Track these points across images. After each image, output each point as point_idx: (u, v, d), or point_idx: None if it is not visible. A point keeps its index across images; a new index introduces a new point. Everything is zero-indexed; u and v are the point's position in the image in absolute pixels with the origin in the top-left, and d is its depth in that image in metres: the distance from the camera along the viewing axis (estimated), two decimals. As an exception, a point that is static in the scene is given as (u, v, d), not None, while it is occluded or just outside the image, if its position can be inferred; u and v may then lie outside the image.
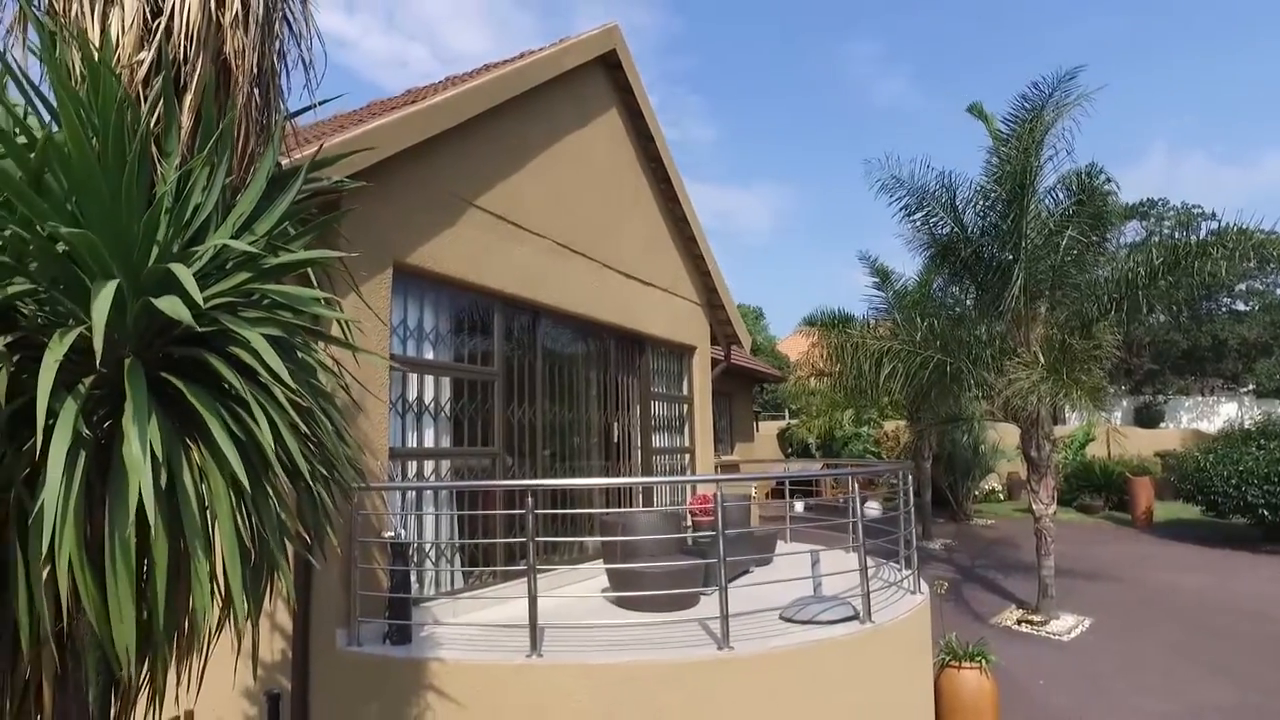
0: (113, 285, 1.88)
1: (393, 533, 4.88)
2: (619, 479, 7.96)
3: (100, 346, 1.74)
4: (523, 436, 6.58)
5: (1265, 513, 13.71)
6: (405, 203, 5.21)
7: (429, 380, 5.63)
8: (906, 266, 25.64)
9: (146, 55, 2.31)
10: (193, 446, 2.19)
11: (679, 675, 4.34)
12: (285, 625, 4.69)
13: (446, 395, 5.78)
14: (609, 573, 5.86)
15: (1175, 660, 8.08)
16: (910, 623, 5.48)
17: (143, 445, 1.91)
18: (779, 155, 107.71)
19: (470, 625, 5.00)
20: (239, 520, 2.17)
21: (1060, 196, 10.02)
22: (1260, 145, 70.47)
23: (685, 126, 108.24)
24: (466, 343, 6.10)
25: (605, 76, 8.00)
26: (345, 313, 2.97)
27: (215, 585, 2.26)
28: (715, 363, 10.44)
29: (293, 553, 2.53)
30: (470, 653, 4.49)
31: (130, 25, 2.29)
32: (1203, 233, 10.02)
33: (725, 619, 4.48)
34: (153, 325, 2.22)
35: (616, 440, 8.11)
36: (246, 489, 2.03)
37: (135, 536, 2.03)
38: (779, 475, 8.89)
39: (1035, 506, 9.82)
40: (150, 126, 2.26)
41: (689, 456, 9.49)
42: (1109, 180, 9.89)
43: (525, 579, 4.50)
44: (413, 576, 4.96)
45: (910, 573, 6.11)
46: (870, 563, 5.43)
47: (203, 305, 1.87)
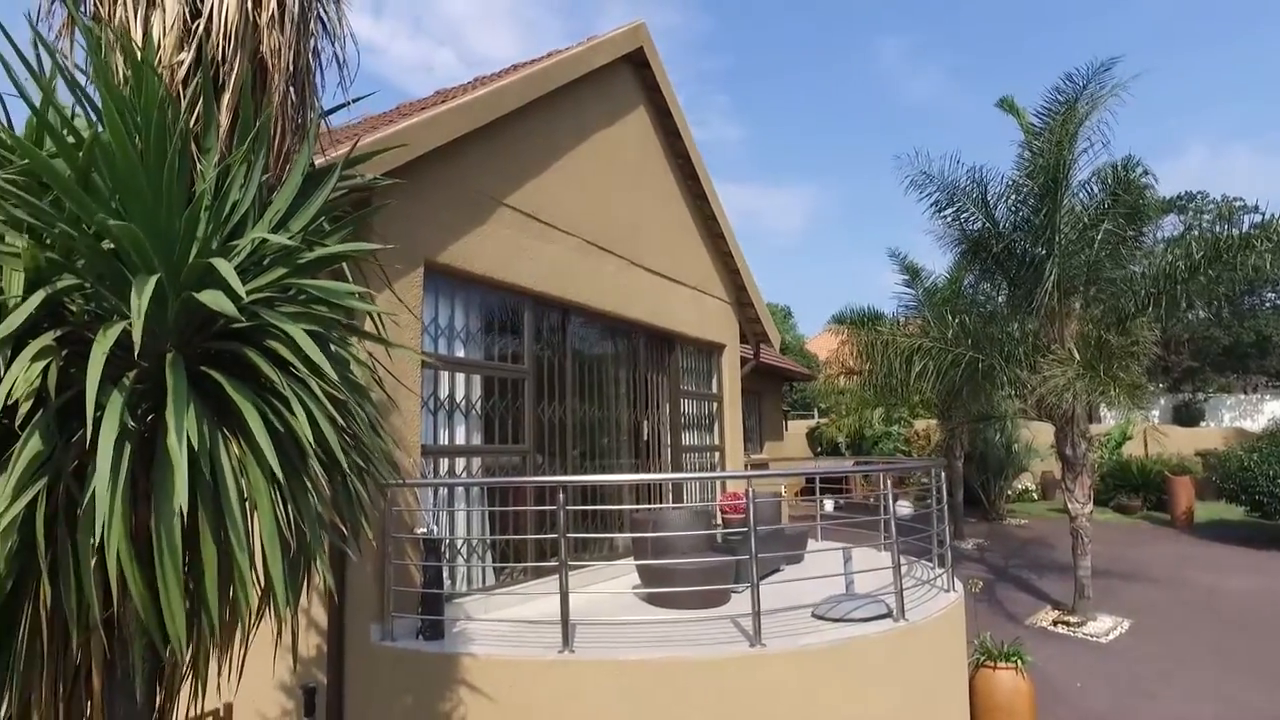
0: (154, 279, 1.92)
1: (425, 529, 4.93)
2: (649, 475, 7.97)
3: (139, 337, 1.78)
4: (553, 435, 6.60)
5: (1314, 514, 13.34)
6: (436, 202, 5.26)
7: (460, 378, 5.67)
8: (936, 264, 25.34)
9: (186, 56, 2.36)
10: (232, 439, 2.23)
11: (711, 672, 4.33)
12: (320, 620, 4.75)
13: (477, 393, 5.83)
14: (640, 570, 5.86)
15: (1218, 664, 7.89)
16: (944, 621, 5.41)
17: (180, 435, 1.94)
18: (807, 154, 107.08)
19: (502, 621, 5.03)
20: (278, 512, 2.21)
21: (1095, 190, 9.83)
22: (1307, 137, 68.38)
23: (713, 126, 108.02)
24: (497, 341, 6.14)
25: (633, 75, 8.01)
26: (378, 314, 3.01)
27: (255, 576, 2.30)
28: (744, 361, 10.40)
29: (329, 546, 2.57)
30: (502, 648, 4.51)
31: (171, 27, 2.34)
32: (1245, 226, 9.77)
33: (757, 616, 4.46)
34: (193, 321, 2.26)
35: (646, 438, 8.11)
36: (284, 481, 2.06)
37: (179, 527, 2.07)
38: (809, 471, 8.84)
39: (1071, 506, 9.65)
40: (190, 125, 2.30)
41: (718, 455, 9.46)
42: (1146, 173, 9.69)
43: (555, 576, 4.52)
44: (445, 573, 5.00)
45: (944, 571, 6.03)
46: (903, 561, 5.37)
47: (244, 298, 1.90)
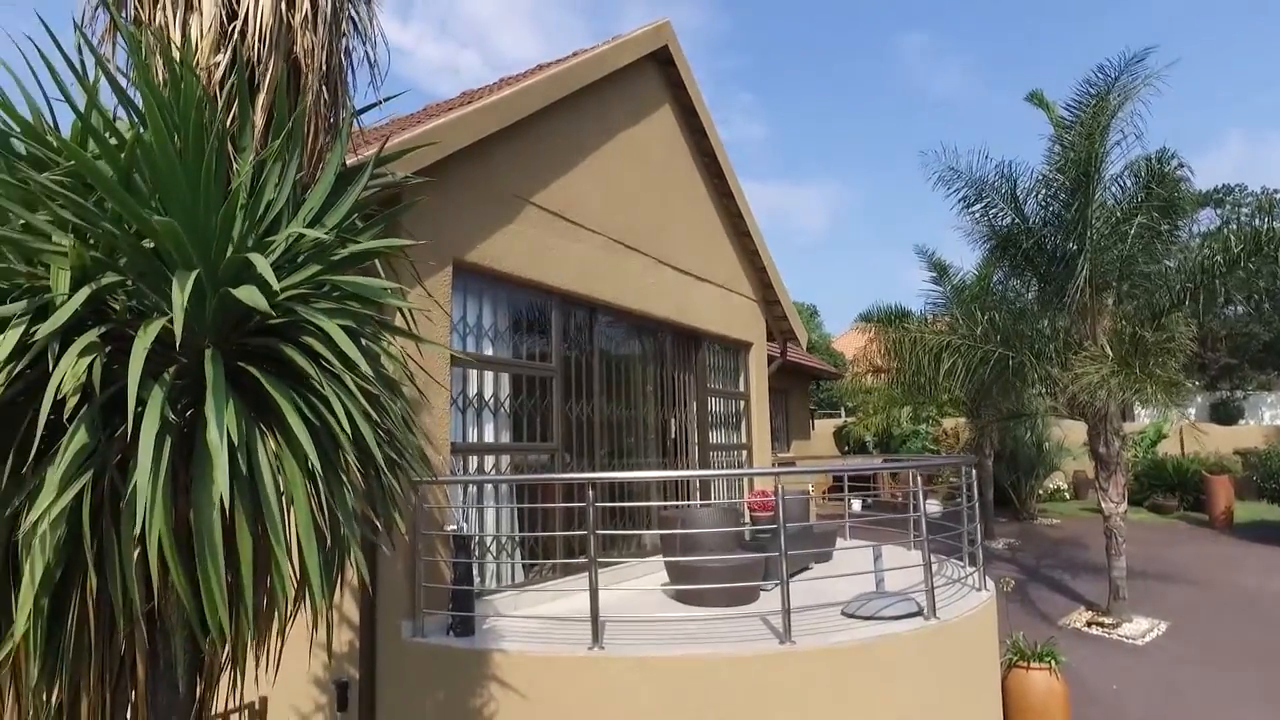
0: (193, 275, 1.96)
1: (455, 526, 4.96)
2: (677, 472, 7.96)
3: (180, 329, 1.81)
4: (580, 433, 6.62)
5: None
6: (463, 201, 5.30)
7: (488, 376, 5.71)
8: (964, 260, 25.08)
9: (222, 57, 2.40)
10: (268, 434, 2.26)
11: (741, 669, 4.32)
12: (353, 616, 4.80)
13: (506, 391, 5.86)
14: (668, 567, 5.86)
15: (1260, 668, 7.71)
16: (976, 620, 5.34)
17: (220, 429, 1.97)
18: (831, 152, 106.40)
19: (531, 618, 5.05)
20: (313, 506, 2.24)
21: (1128, 184, 9.66)
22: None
23: (736, 125, 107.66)
24: (525, 339, 6.17)
25: (658, 73, 8.01)
26: (410, 309, 3.04)
27: (291, 569, 2.33)
28: (771, 359, 10.36)
29: (362, 540, 2.59)
30: (532, 644, 4.53)
31: (208, 29, 2.38)
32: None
33: (787, 613, 4.44)
34: (230, 317, 2.30)
35: (673, 437, 8.10)
36: (320, 474, 2.08)
37: (218, 520, 2.11)
38: (838, 468, 8.76)
39: (1104, 505, 9.49)
40: (226, 124, 2.34)
41: (746, 453, 9.43)
42: (1181, 165, 9.49)
43: (583, 574, 4.53)
44: (474, 570, 5.04)
45: (975, 570, 5.96)
46: (933, 560, 5.31)
47: (279, 292, 1.93)
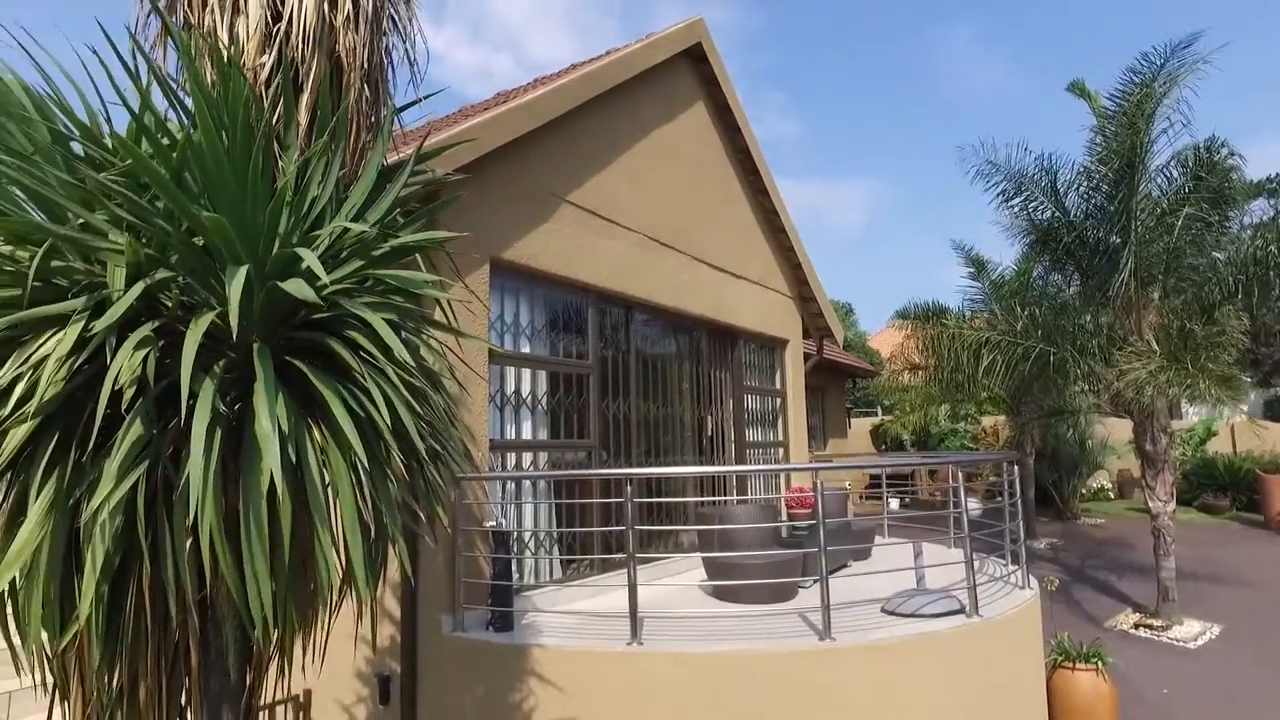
0: (243, 269, 2.00)
1: (494, 522, 5.01)
2: (715, 468, 7.95)
3: (235, 321, 1.85)
4: (617, 430, 6.64)
5: None
6: (499, 200, 5.35)
7: (526, 373, 5.75)
8: (1003, 255, 24.65)
9: (268, 58, 2.45)
10: (314, 426, 2.31)
11: (780, 665, 4.30)
12: (394, 611, 4.86)
13: (543, 389, 5.90)
14: (706, 563, 5.85)
15: (1321, 672, 7.47)
16: (1020, 619, 5.25)
17: (271, 420, 2.01)
18: (866, 149, 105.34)
19: (569, 613, 5.07)
20: (358, 497, 2.28)
21: (1174, 174, 9.41)
22: None
23: (769, 123, 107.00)
24: (561, 337, 6.21)
25: (691, 70, 8.00)
26: (450, 304, 3.08)
27: (337, 559, 2.37)
28: (807, 356, 10.29)
29: (405, 533, 2.63)
30: (571, 640, 4.56)
31: (254, 31, 2.43)
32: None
33: (826, 609, 4.40)
34: (276, 312, 2.34)
35: (710, 434, 8.09)
36: (365, 466, 2.12)
37: (266, 511, 2.15)
38: (876, 463, 8.66)
39: (1152, 504, 9.25)
40: (272, 123, 2.39)
41: (782, 451, 9.37)
42: (1232, 154, 9.20)
43: (620, 570, 4.54)
44: (513, 565, 5.08)
45: (1017, 568, 5.86)
46: (974, 558, 5.23)
47: (328, 283, 1.96)
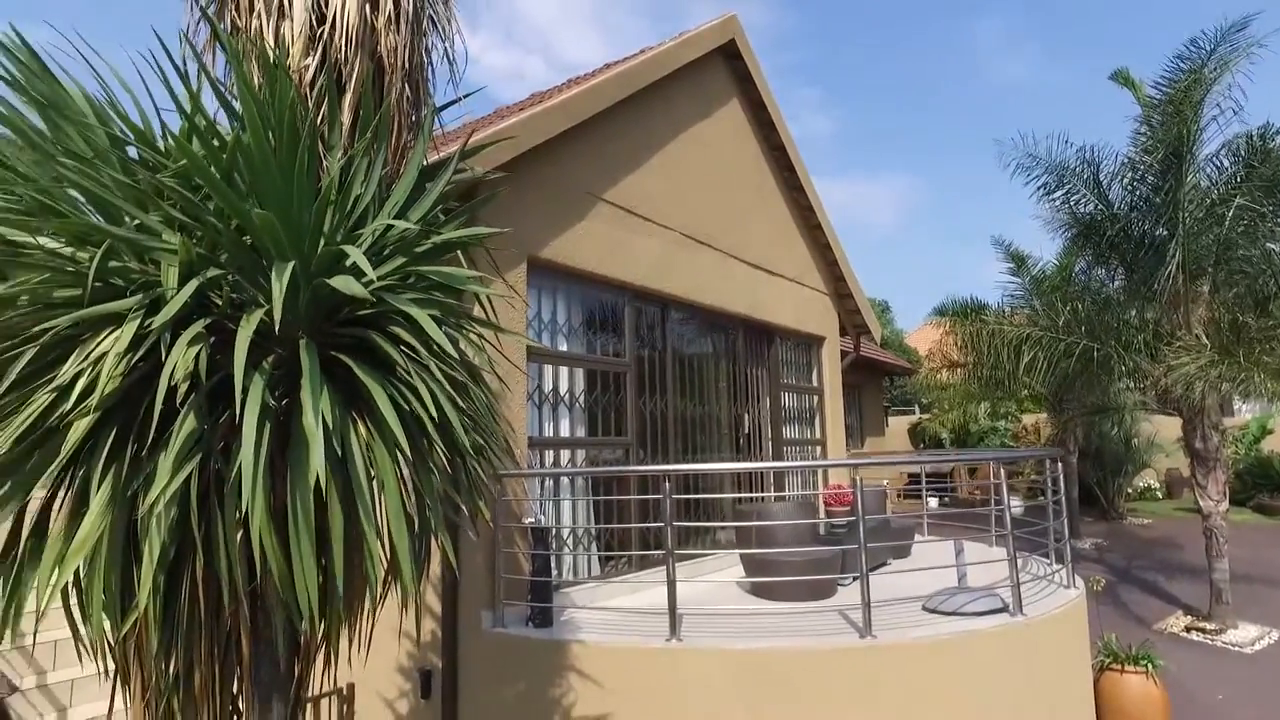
0: (290, 265, 2.05)
1: (533, 519, 5.05)
2: (753, 463, 7.92)
3: (279, 315, 1.89)
4: (654, 428, 6.65)
5: None
6: (536, 199, 5.39)
7: (563, 371, 5.79)
8: (1043, 250, 24.22)
9: (312, 60, 2.50)
10: (359, 421, 2.35)
11: (820, 662, 4.27)
12: (435, 607, 4.93)
13: (580, 386, 5.94)
14: (744, 560, 5.83)
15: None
16: (1065, 618, 5.15)
17: (316, 415, 2.06)
18: (900, 145, 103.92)
19: (608, 610, 5.09)
20: (403, 492, 2.31)
21: (1225, 163, 9.15)
22: None
23: (802, 120, 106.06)
24: (598, 335, 6.24)
25: (725, 67, 7.99)
26: (490, 300, 3.11)
27: (382, 552, 2.41)
28: (844, 354, 10.21)
29: (448, 526, 2.66)
30: (610, 636, 4.57)
31: (298, 34, 2.49)
32: None
33: (867, 607, 4.36)
34: (321, 309, 2.39)
35: (747, 432, 8.06)
36: (411, 459, 2.15)
37: (313, 504, 2.20)
38: (915, 459, 8.57)
39: (1203, 504, 9.00)
40: (316, 123, 2.44)
41: (820, 449, 9.31)
42: (1290, 140, 8.90)
43: (658, 567, 4.55)
44: (552, 562, 5.11)
45: (1062, 567, 5.75)
46: (1017, 556, 5.14)
47: (375, 279, 2.00)
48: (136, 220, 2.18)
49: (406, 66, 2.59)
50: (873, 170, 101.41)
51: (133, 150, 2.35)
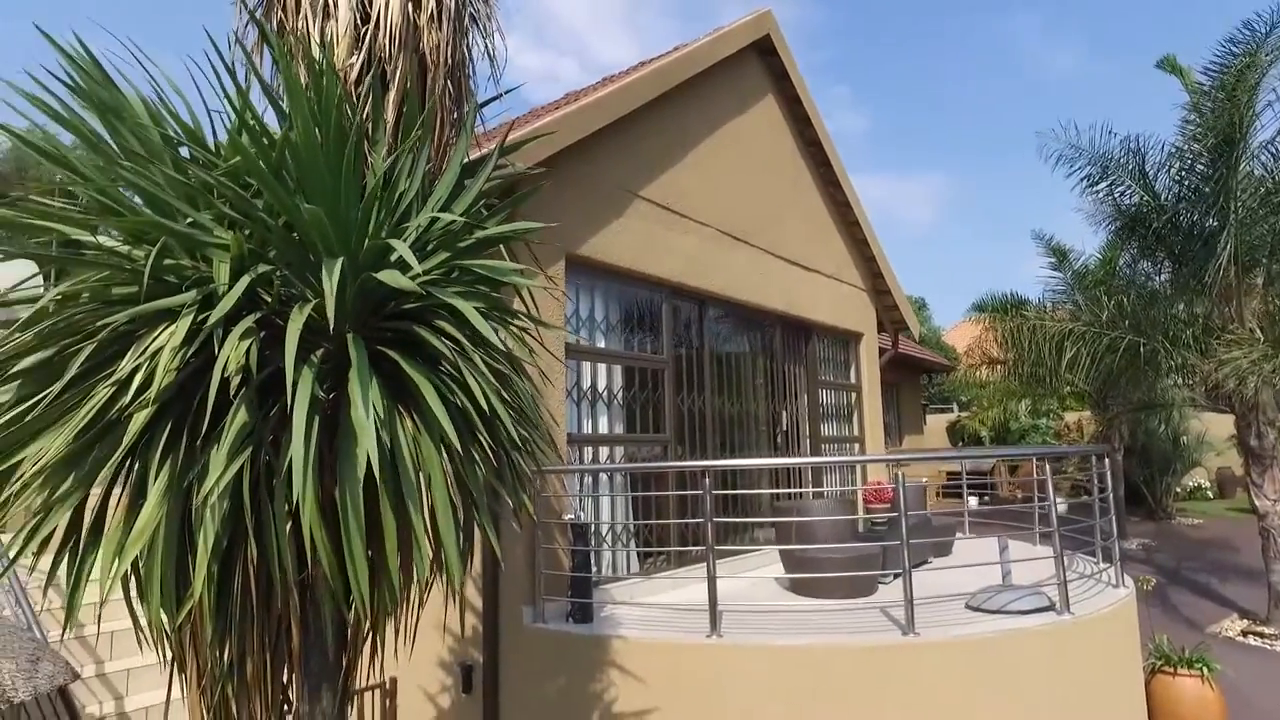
0: (339, 261, 2.07)
1: (573, 515, 5.07)
2: (792, 459, 7.88)
3: (332, 311, 1.92)
4: (692, 425, 6.64)
5: None
6: (573, 197, 5.41)
7: (601, 368, 5.81)
8: (1085, 244, 23.72)
9: (356, 58, 2.54)
10: (405, 414, 2.37)
11: (862, 659, 4.22)
12: (476, 602, 4.97)
13: (618, 383, 5.95)
14: (784, 557, 5.79)
15: None
16: (1114, 618, 5.03)
17: (367, 406, 2.08)
18: (934, 142, 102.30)
19: (648, 606, 5.10)
20: (449, 484, 2.33)
21: (1281, 150, 8.87)
22: None
23: (836, 118, 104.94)
24: (636, 332, 6.25)
25: (759, 63, 7.94)
26: (531, 294, 3.13)
27: (429, 544, 2.43)
28: (882, 351, 10.10)
29: (493, 520, 2.68)
30: (650, 631, 4.57)
31: (343, 34, 2.52)
32: None
33: (910, 604, 4.30)
34: (368, 304, 2.42)
35: (784, 429, 8.02)
36: (459, 451, 2.16)
37: (362, 495, 2.22)
38: (956, 455, 8.46)
39: (1259, 502, 8.72)
40: (362, 121, 2.47)
41: (858, 446, 9.23)
42: (1348, 126, 8.62)
43: (696, 564, 4.54)
44: (591, 558, 5.12)
45: (1109, 566, 5.62)
46: (1063, 553, 5.03)
47: (422, 273, 2.02)
48: (189, 218, 2.23)
49: (449, 63, 2.61)
50: (904, 167, 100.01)
51: (184, 151, 2.40)
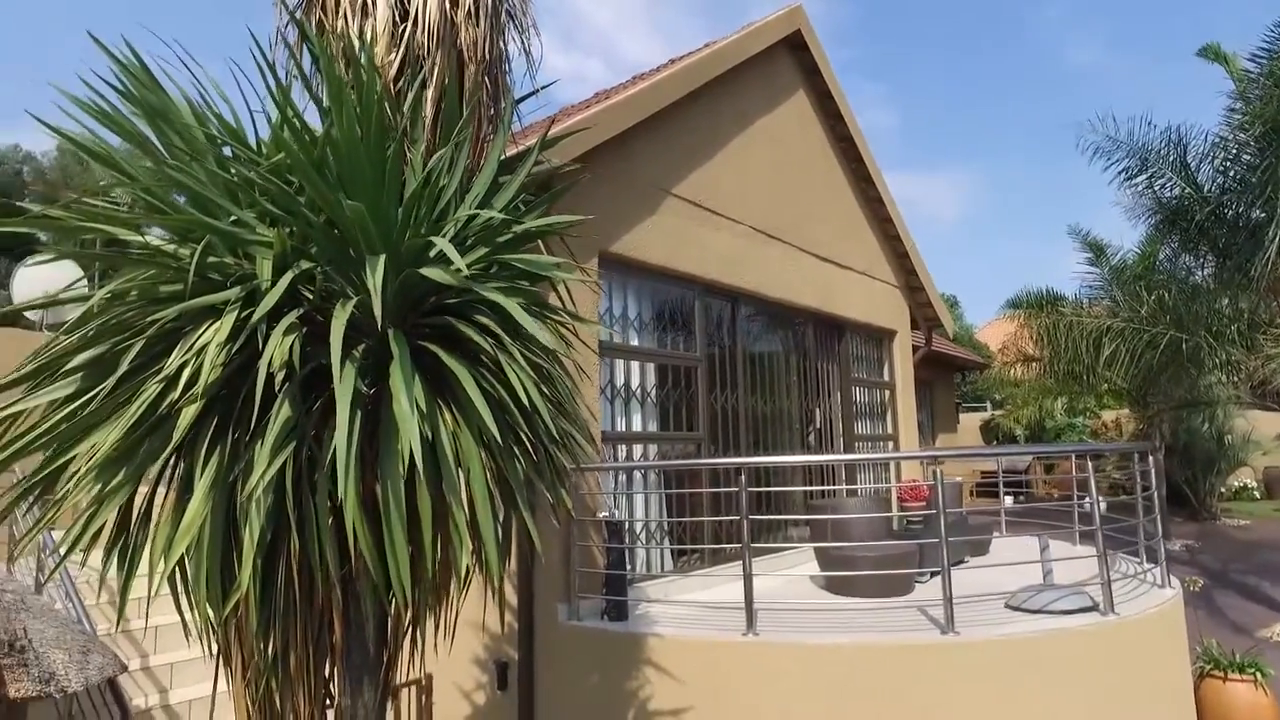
0: (382, 258, 2.09)
1: (608, 513, 5.06)
2: (827, 456, 7.81)
3: (379, 308, 1.93)
4: (725, 422, 6.61)
5: None
6: (606, 195, 5.40)
7: (635, 366, 5.80)
8: (1123, 239, 23.24)
9: (395, 56, 2.56)
10: (445, 408, 2.38)
11: (901, 658, 4.17)
12: (511, 600, 4.98)
13: (652, 381, 5.94)
14: (819, 554, 5.74)
15: None
16: (1161, 619, 4.90)
17: (409, 400, 2.10)
18: (966, 138, 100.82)
19: (683, 604, 5.07)
20: (489, 479, 2.34)
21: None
22: None
23: (866, 115, 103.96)
24: (669, 330, 6.23)
25: (791, 59, 7.88)
26: (568, 289, 3.13)
27: (470, 539, 2.44)
28: (915, 348, 9.98)
29: (527, 515, 2.68)
30: (686, 629, 4.55)
31: (382, 32, 2.54)
32: None
33: (949, 602, 4.23)
34: (408, 299, 2.44)
35: (818, 427, 7.95)
36: (500, 443, 2.17)
37: (404, 488, 2.23)
38: (993, 453, 8.33)
39: (1309, 501, 8.48)
40: (401, 118, 2.49)
41: (892, 444, 9.12)
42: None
43: (731, 562, 4.51)
44: (626, 556, 5.12)
45: (1154, 566, 5.48)
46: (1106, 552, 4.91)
47: (465, 269, 2.02)
48: (233, 215, 2.26)
49: (486, 59, 2.62)
50: (933, 165, 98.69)
51: (227, 150, 2.44)
